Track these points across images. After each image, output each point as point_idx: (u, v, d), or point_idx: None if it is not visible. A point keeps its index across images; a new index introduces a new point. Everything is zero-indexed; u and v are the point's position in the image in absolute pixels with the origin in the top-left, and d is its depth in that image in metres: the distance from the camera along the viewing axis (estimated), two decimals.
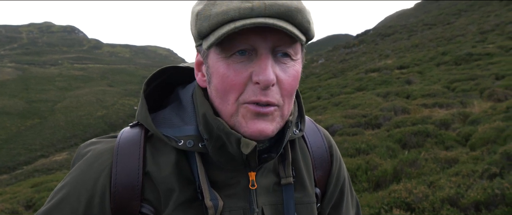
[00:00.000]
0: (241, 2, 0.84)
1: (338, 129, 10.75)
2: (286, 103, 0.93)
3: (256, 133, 0.90)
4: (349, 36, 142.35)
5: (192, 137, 0.97)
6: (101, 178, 0.96)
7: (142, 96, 1.04)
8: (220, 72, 0.90)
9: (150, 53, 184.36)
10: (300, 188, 1.09)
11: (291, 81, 0.92)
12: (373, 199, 5.46)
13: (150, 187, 0.97)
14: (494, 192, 4.57)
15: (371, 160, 7.11)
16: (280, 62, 0.90)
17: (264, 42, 0.87)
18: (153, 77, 1.07)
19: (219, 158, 0.97)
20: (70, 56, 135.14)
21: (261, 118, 0.90)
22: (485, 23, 34.33)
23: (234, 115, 0.91)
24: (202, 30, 0.89)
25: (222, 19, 0.85)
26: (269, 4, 0.83)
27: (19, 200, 12.90)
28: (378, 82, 21.30)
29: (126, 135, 1.03)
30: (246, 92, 0.89)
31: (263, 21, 0.82)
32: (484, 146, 6.99)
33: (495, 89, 12.33)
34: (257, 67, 0.87)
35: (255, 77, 0.87)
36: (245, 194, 1.01)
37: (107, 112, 73.28)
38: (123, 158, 0.97)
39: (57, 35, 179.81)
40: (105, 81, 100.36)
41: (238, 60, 0.88)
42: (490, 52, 21.48)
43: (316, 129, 1.21)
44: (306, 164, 1.13)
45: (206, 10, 0.88)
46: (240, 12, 0.83)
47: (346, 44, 62.28)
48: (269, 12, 0.84)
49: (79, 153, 1.05)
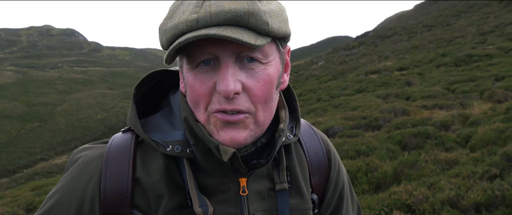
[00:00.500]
0: (190, 14, 0.83)
1: (338, 130, 10.74)
2: (260, 110, 0.90)
3: (228, 141, 0.89)
4: (349, 38, 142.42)
5: (180, 142, 0.97)
6: (90, 184, 0.95)
7: (132, 101, 1.03)
8: (189, 82, 0.90)
9: (150, 56, 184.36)
10: (295, 194, 1.07)
11: (261, 86, 0.88)
12: (373, 201, 5.46)
13: (140, 193, 0.96)
14: (494, 194, 4.57)
15: (371, 161, 7.11)
16: (247, 68, 0.87)
17: (224, 51, 0.85)
18: (143, 81, 1.05)
19: (207, 163, 0.96)
20: (70, 59, 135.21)
21: (231, 126, 0.88)
22: (485, 24, 34.35)
23: (207, 124, 0.91)
24: (162, 43, 0.89)
25: (174, 33, 0.84)
26: (214, 12, 0.81)
27: (19, 203, 12.90)
28: (378, 84, 21.31)
29: (117, 141, 1.02)
30: (212, 102, 0.88)
31: (205, 32, 0.79)
32: (484, 147, 6.99)
33: (495, 91, 12.33)
34: (218, 77, 0.86)
35: (217, 87, 0.86)
36: (235, 200, 0.99)
37: (107, 115, 73.31)
38: (112, 164, 0.96)
39: (57, 38, 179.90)
40: (105, 84, 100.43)
41: (203, 70, 0.87)
42: (490, 54, 21.49)
43: (313, 133, 1.18)
44: (302, 169, 1.11)
45: (163, 25, 0.88)
46: (187, 24, 0.82)
47: (346, 46, 62.28)
48: (216, 20, 0.81)
49: (71, 159, 1.04)
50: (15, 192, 17.57)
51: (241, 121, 0.88)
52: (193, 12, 0.82)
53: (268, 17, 0.85)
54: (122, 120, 70.96)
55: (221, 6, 0.81)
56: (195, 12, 0.82)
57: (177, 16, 0.85)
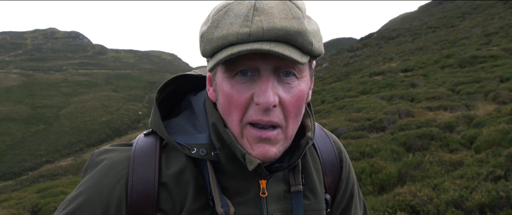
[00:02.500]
0: (240, 27, 0.85)
1: (342, 132, 10.74)
2: (290, 124, 0.94)
3: (260, 156, 0.92)
4: (353, 39, 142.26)
5: (204, 146, 0.99)
6: (117, 188, 0.96)
7: (154, 104, 1.05)
8: (225, 91, 0.91)
9: (154, 58, 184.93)
10: (310, 195, 1.11)
11: (295, 102, 0.92)
12: (377, 202, 5.45)
13: (165, 197, 0.98)
14: (499, 195, 4.56)
15: (376, 163, 7.10)
16: (283, 83, 0.91)
17: (266, 64, 0.88)
18: (165, 85, 1.08)
19: (231, 166, 0.98)
20: (74, 62, 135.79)
21: (265, 142, 0.92)
22: (490, 25, 34.27)
23: (240, 138, 0.93)
24: (206, 52, 0.91)
25: (222, 43, 0.86)
26: (267, 28, 0.84)
27: (24, 205, 12.95)
28: (383, 85, 21.30)
29: (141, 144, 1.03)
30: (248, 112, 0.91)
31: (259, 47, 0.82)
32: (489, 148, 6.96)
33: (499, 92, 12.30)
34: (258, 88, 0.88)
35: (256, 98, 0.88)
36: (255, 201, 1.02)
37: (111, 117, 73.48)
38: (139, 168, 0.98)
39: (62, 41, 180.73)
40: (110, 86, 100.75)
41: (241, 81, 0.90)
42: (495, 55, 21.45)
43: (326, 136, 1.23)
44: (317, 170, 1.15)
45: (208, 33, 0.89)
46: (238, 37, 0.84)
47: (350, 48, 62.26)
48: (267, 36, 0.84)
49: (92, 161, 1.04)
50: (20, 194, 17.64)
51: (274, 137, 0.92)
52: (243, 26, 0.85)
53: (312, 37, 0.88)
54: (127, 122, 71.11)
55: (272, 23, 0.84)
56: (247, 26, 0.84)
57: (224, 26, 0.86)
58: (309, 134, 1.02)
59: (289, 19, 0.85)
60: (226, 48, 0.86)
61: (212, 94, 1.00)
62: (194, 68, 1.16)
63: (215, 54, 0.89)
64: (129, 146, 1.05)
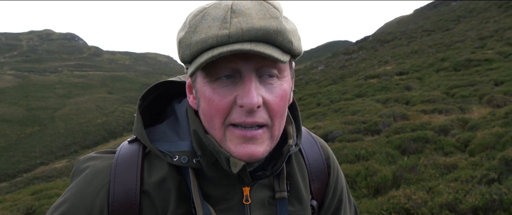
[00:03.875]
0: (219, 30, 0.84)
1: (337, 135, 10.76)
2: (276, 124, 0.94)
3: (246, 156, 0.91)
4: (349, 42, 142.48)
5: (186, 153, 0.99)
6: (99, 197, 0.97)
7: (137, 112, 1.05)
8: (206, 96, 0.91)
9: (150, 60, 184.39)
10: (295, 202, 1.10)
11: (279, 102, 0.92)
12: (372, 205, 5.47)
13: (148, 205, 0.98)
14: (492, 198, 4.59)
15: (371, 166, 7.12)
16: (266, 83, 0.91)
17: (247, 65, 0.87)
18: (148, 92, 1.08)
19: (213, 173, 0.99)
20: (70, 64, 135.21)
21: (250, 141, 0.91)
22: (484, 29, 34.40)
23: (223, 140, 0.92)
24: (185, 57, 0.91)
25: (201, 47, 0.86)
26: (246, 29, 0.84)
27: (19, 207, 12.87)
28: (378, 88, 21.34)
29: (124, 152, 1.03)
30: (231, 115, 0.90)
31: (239, 47, 0.82)
32: (483, 151, 7.00)
33: (494, 95, 12.36)
34: (241, 90, 0.88)
35: (239, 100, 0.88)
36: (239, 208, 1.02)
37: (107, 119, 73.22)
38: (121, 176, 0.98)
39: (57, 42, 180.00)
40: (105, 88, 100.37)
41: (223, 84, 0.89)
42: (489, 58, 21.53)
43: (313, 141, 1.22)
44: (303, 177, 1.14)
45: (186, 38, 0.89)
46: (218, 39, 0.84)
47: (346, 51, 62.35)
48: (247, 37, 0.84)
49: (77, 168, 1.05)
50: (14, 196, 17.54)
51: (260, 136, 0.91)
52: (222, 28, 0.84)
53: (292, 36, 0.89)
54: (122, 124, 70.90)
55: (251, 24, 0.84)
56: (225, 28, 0.84)
57: (202, 30, 0.86)
58: (290, 142, 1.02)
59: (268, 19, 0.86)
60: (206, 52, 0.86)
61: (192, 102, 1.00)
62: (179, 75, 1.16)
63: (195, 59, 0.88)
64: (113, 154, 1.05)
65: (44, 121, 71.51)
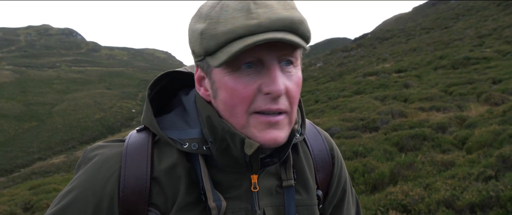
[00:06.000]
0: (247, 19, 0.86)
1: (336, 132, 10.77)
2: (293, 110, 0.96)
3: (271, 141, 0.93)
4: (347, 39, 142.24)
5: (196, 140, 0.99)
6: (109, 183, 0.97)
7: (146, 101, 1.06)
8: (228, 86, 0.91)
9: (148, 56, 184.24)
10: (302, 190, 1.12)
11: (296, 89, 0.95)
12: (370, 201, 5.49)
13: (157, 191, 0.99)
14: (489, 194, 4.61)
15: (368, 162, 7.13)
16: (285, 72, 0.93)
17: (270, 54, 0.89)
18: (156, 81, 1.09)
19: (223, 160, 0.99)
20: (68, 59, 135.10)
21: (273, 127, 0.93)
22: (483, 27, 34.44)
23: (246, 127, 0.93)
24: (209, 48, 0.90)
25: (229, 37, 0.86)
26: (275, 18, 0.86)
27: (17, 202, 12.86)
28: (376, 85, 21.37)
29: (134, 140, 1.04)
30: (255, 102, 0.91)
31: (273, 36, 0.84)
32: (481, 149, 7.01)
33: (492, 93, 12.38)
34: (267, 78, 0.89)
35: (266, 88, 0.89)
36: (247, 196, 1.03)
37: (105, 115, 73.22)
38: (131, 163, 0.99)
39: (55, 38, 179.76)
40: (103, 84, 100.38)
41: (246, 73, 0.90)
42: (488, 57, 21.58)
43: (317, 132, 1.24)
44: (309, 166, 1.16)
45: (211, 29, 0.88)
46: (248, 29, 0.85)
47: (344, 48, 62.32)
48: (275, 26, 0.86)
49: (85, 157, 1.04)
50: (12, 191, 17.51)
51: (281, 121, 0.94)
52: (249, 18, 0.86)
53: (309, 26, 0.92)
54: (120, 120, 70.86)
55: (278, 14, 0.87)
56: (254, 18, 0.86)
57: (227, 21, 0.87)
58: (295, 126, 1.03)
59: (289, 9, 0.89)
60: (235, 41, 0.86)
61: (204, 94, 1.00)
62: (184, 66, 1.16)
63: (221, 49, 0.88)
64: (121, 142, 1.05)
65: (42, 116, 71.48)
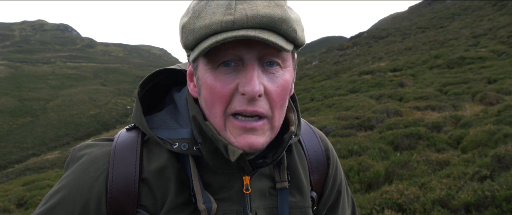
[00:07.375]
0: (223, 15, 0.83)
1: (331, 130, 10.78)
2: (276, 115, 0.92)
3: (246, 147, 0.90)
4: (343, 38, 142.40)
5: (186, 140, 0.97)
6: (97, 183, 0.94)
7: (136, 99, 1.04)
8: (208, 83, 0.89)
9: (143, 53, 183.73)
10: (296, 192, 1.09)
11: (280, 92, 0.91)
12: (365, 200, 5.48)
13: (146, 193, 0.96)
14: (484, 194, 4.61)
15: (364, 161, 7.13)
16: (268, 72, 0.89)
17: (250, 53, 0.86)
18: (148, 80, 1.07)
19: (213, 161, 0.96)
20: (63, 55, 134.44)
21: (250, 132, 0.90)
22: (478, 27, 34.57)
23: (223, 130, 0.91)
24: (188, 43, 0.89)
25: (205, 32, 0.84)
26: (251, 15, 0.83)
27: (10, 198, 12.84)
28: (372, 84, 21.40)
29: (123, 139, 1.01)
30: (232, 103, 0.89)
31: (244, 33, 0.81)
32: (475, 148, 7.03)
33: (487, 93, 12.42)
34: (243, 78, 0.87)
35: (241, 88, 0.86)
36: (239, 197, 1.01)
37: (99, 111, 72.93)
38: (119, 163, 0.96)
39: (50, 33, 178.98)
40: (98, 80, 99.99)
41: (225, 71, 0.88)
42: (483, 56, 21.66)
43: (313, 132, 1.21)
44: (303, 167, 1.13)
45: (190, 24, 0.87)
46: (222, 25, 0.83)
47: (340, 46, 62.40)
48: (252, 23, 0.83)
49: (73, 156, 1.02)
50: (6, 187, 17.48)
51: (260, 127, 0.90)
52: (226, 14, 0.83)
53: (296, 25, 0.88)
54: (115, 117, 70.66)
55: (256, 10, 0.83)
56: (230, 14, 0.83)
57: (206, 16, 0.85)
58: (292, 128, 1.01)
59: (272, 6, 0.85)
60: (210, 37, 0.84)
61: (193, 90, 0.98)
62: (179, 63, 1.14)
63: (198, 44, 0.87)
64: (110, 141, 1.03)
65: (37, 112, 71.12)
